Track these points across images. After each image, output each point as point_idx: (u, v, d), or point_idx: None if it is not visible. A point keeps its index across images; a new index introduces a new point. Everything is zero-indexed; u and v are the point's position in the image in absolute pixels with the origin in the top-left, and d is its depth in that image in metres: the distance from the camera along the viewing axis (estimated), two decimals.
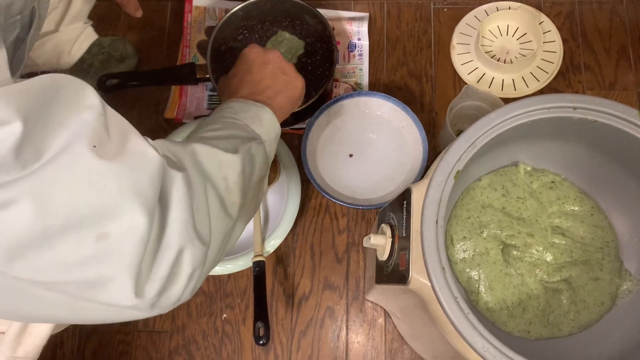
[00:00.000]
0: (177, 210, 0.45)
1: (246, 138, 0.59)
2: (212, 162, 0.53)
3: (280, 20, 1.04)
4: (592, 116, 0.62)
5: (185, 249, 0.45)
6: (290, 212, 0.93)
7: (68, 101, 0.40)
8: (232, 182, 0.54)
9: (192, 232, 0.46)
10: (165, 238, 0.44)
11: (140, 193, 0.40)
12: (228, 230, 0.54)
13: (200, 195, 0.49)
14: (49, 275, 0.38)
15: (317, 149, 1.00)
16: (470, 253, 0.72)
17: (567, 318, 0.70)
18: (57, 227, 0.37)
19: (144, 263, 0.42)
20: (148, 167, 0.42)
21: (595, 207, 0.75)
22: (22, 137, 0.35)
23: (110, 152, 0.40)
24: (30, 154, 0.36)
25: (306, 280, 0.97)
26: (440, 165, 0.60)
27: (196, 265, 0.47)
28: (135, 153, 0.42)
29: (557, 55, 1.05)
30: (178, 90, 1.07)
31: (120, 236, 0.39)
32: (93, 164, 0.38)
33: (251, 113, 0.64)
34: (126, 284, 0.41)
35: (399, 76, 1.08)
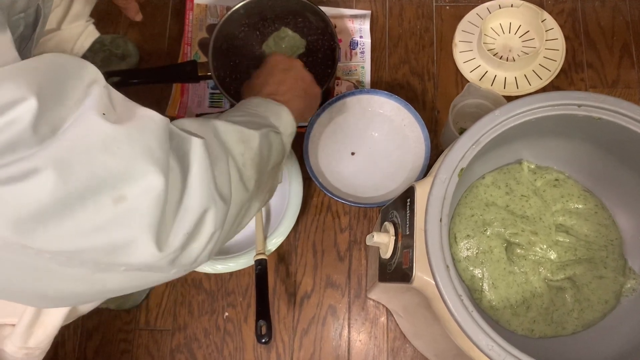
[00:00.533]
0: (197, 171, 0.47)
1: (265, 125, 0.62)
2: (232, 137, 0.56)
3: (282, 18, 1.03)
4: (597, 114, 0.61)
5: (210, 209, 0.48)
6: (292, 210, 0.93)
7: (74, 75, 0.42)
8: (248, 159, 0.57)
9: (214, 192, 0.49)
10: (187, 197, 0.46)
11: (151, 153, 0.42)
12: (245, 201, 0.57)
13: (222, 162, 0.52)
14: (71, 244, 0.39)
15: (319, 147, 1.00)
16: (473, 251, 0.71)
17: (571, 316, 0.70)
18: (77, 194, 0.38)
19: (167, 219, 0.44)
20: (154, 128, 0.44)
21: (599, 205, 0.74)
22: (37, 112, 0.36)
23: (118, 117, 0.42)
24: (47, 128, 0.37)
25: (308, 278, 0.97)
26: (444, 163, 0.60)
27: (217, 226, 0.49)
28: (143, 117, 0.44)
29: (559, 53, 1.05)
30: (179, 88, 1.07)
31: (137, 197, 0.41)
32: (105, 130, 0.40)
33: (270, 108, 0.67)
34: (148, 240, 0.42)
35: (401, 74, 1.08)
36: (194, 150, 0.48)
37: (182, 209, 0.45)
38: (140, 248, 0.42)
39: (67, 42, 1.00)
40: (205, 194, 0.47)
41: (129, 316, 0.96)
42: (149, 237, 0.42)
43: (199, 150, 0.48)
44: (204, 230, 0.48)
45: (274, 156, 0.63)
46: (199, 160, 0.48)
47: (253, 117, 0.63)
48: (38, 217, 0.37)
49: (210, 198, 0.48)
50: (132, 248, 0.42)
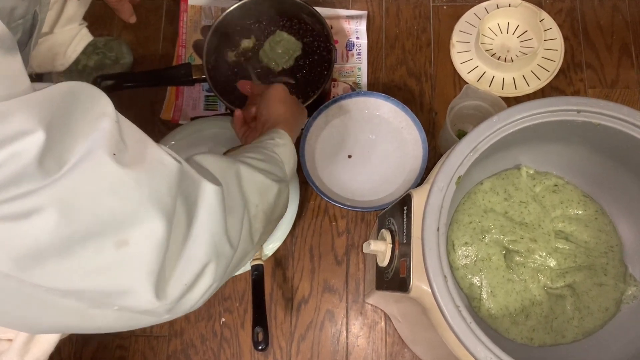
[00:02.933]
0: (205, 220, 0.46)
1: (281, 178, 0.62)
2: (253, 187, 0.55)
3: (277, 19, 1.02)
4: (596, 119, 0.61)
5: (212, 262, 0.47)
6: (289, 215, 0.92)
7: (86, 109, 0.40)
8: (261, 211, 0.56)
9: (222, 244, 0.48)
10: (191, 246, 0.45)
11: (159, 200, 0.41)
12: (247, 252, 0.55)
13: (237, 213, 0.51)
14: (68, 283, 0.39)
15: (316, 150, 0.99)
16: (472, 259, 0.70)
17: (571, 324, 0.69)
18: (79, 235, 0.37)
19: (167, 267, 0.43)
20: (166, 174, 0.43)
21: (599, 210, 0.73)
22: (44, 145, 0.35)
23: (129, 159, 0.41)
24: (53, 162, 0.36)
25: (305, 283, 0.96)
26: (441, 171, 0.59)
27: (216, 279, 0.48)
28: (153, 160, 0.43)
29: (558, 53, 1.04)
30: (174, 90, 1.05)
31: (139, 242, 0.40)
32: (115, 172, 0.39)
33: (287, 149, 0.68)
34: (147, 288, 0.41)
35: (398, 75, 1.06)
36: (206, 198, 0.46)
37: (185, 258, 0.45)
38: (138, 294, 0.41)
39: (60, 45, 0.99)
40: (212, 246, 0.46)
41: None
42: (148, 285, 0.41)
43: (213, 199, 0.47)
44: (203, 282, 0.47)
45: (279, 209, 0.63)
46: (209, 210, 0.46)
47: (273, 164, 0.63)
48: (37, 255, 0.36)
49: (216, 251, 0.47)
50: (130, 293, 0.41)
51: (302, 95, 0.97)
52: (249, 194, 0.54)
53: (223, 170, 0.52)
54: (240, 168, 0.55)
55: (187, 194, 0.45)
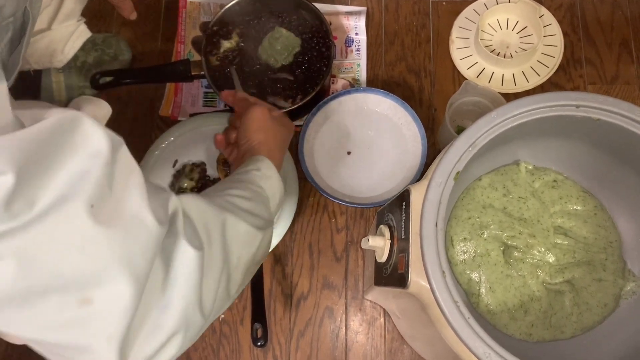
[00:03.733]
0: (182, 289, 0.44)
1: (265, 221, 0.60)
2: (237, 237, 0.53)
3: (276, 15, 1.02)
4: (596, 114, 0.60)
5: (180, 332, 0.44)
6: (288, 211, 0.92)
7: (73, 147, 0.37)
8: (243, 262, 0.54)
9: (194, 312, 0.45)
10: (161, 316, 0.43)
11: (130, 262, 0.39)
12: (220, 310, 0.53)
13: (216, 272, 0.49)
14: (27, 333, 0.37)
15: (315, 147, 0.99)
16: (470, 254, 0.70)
17: (570, 320, 0.69)
18: (40, 289, 0.35)
19: (133, 332, 0.41)
20: (143, 237, 0.40)
21: (598, 206, 0.73)
22: (13, 188, 0.33)
23: (108, 212, 0.38)
24: (22, 204, 0.34)
25: (304, 279, 0.96)
26: (439, 166, 0.59)
27: (182, 348, 0.46)
28: (134, 219, 0.40)
29: (557, 49, 1.03)
30: (173, 87, 1.05)
31: (104, 304, 0.38)
32: (87, 228, 0.36)
33: (273, 182, 0.66)
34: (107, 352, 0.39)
35: (398, 71, 1.06)
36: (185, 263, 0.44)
37: (153, 325, 0.42)
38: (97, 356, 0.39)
39: (58, 42, 0.99)
40: (183, 316, 0.44)
41: None
42: (108, 348, 0.39)
43: (192, 265, 0.44)
44: (169, 350, 0.44)
45: (260, 255, 0.60)
46: (186, 276, 0.44)
47: (258, 203, 0.61)
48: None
49: (186, 320, 0.44)
50: (89, 353, 0.39)
51: (301, 92, 0.97)
52: (231, 247, 0.52)
53: (208, 221, 0.49)
54: (227, 219, 0.52)
55: (166, 256, 0.43)
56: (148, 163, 0.95)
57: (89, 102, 0.59)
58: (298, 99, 0.96)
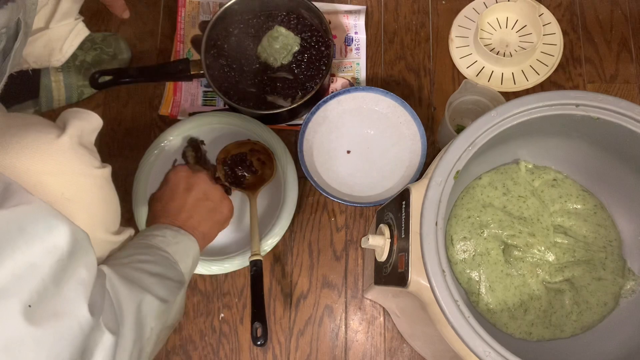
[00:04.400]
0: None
1: (177, 283, 0.61)
2: (151, 314, 0.54)
3: (275, 14, 1.02)
4: (595, 113, 0.60)
5: None
6: (287, 210, 0.92)
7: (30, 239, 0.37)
8: (154, 333, 0.55)
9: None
10: None
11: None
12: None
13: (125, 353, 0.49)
14: None
15: (314, 146, 0.99)
16: (470, 253, 0.70)
17: (570, 319, 0.69)
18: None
19: None
20: (71, 335, 0.40)
21: (598, 205, 0.73)
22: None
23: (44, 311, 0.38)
24: None
25: (304, 278, 0.96)
26: (439, 165, 0.59)
27: None
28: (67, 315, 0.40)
29: (557, 47, 1.03)
30: (172, 86, 1.05)
31: None
32: (17, 329, 0.36)
33: (181, 247, 0.66)
34: None
35: (397, 70, 1.06)
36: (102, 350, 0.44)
37: None
38: None
39: (56, 40, 0.98)
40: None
41: None
42: None
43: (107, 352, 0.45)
44: None
45: (172, 317, 0.61)
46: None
47: (165, 267, 0.61)
48: None
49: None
50: None
51: (301, 91, 0.97)
52: (145, 322, 0.53)
53: (122, 303, 0.50)
54: (142, 299, 0.54)
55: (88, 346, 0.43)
56: (147, 162, 0.95)
57: (77, 117, 0.58)
58: (297, 98, 0.97)
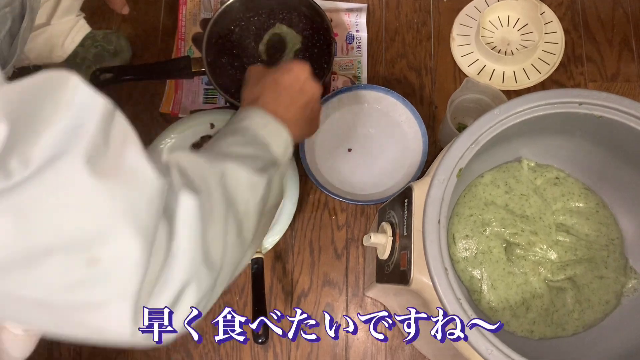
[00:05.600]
0: (184, 238, 0.42)
1: (269, 161, 0.57)
2: (239, 185, 0.50)
3: (277, 12, 1.02)
4: (598, 112, 0.60)
5: (191, 282, 0.43)
6: (288, 208, 0.92)
7: (66, 102, 0.36)
8: (252, 207, 0.52)
9: (201, 264, 0.43)
10: (169, 267, 0.41)
11: (135, 217, 0.37)
12: (240, 258, 0.51)
13: (219, 220, 0.46)
14: (37, 293, 0.36)
15: (315, 144, 0.99)
16: (472, 252, 0.70)
17: (572, 317, 0.69)
18: (41, 249, 0.34)
19: (145, 288, 0.39)
20: (146, 189, 0.39)
21: (600, 203, 0.73)
22: (7, 141, 0.32)
23: (106, 166, 0.37)
24: (16, 160, 0.32)
25: (305, 276, 0.96)
26: (442, 163, 0.59)
27: (201, 298, 0.44)
28: (134, 171, 0.38)
29: (558, 46, 1.03)
30: (173, 84, 1.05)
31: (113, 262, 0.37)
32: (86, 183, 0.35)
33: (272, 131, 0.61)
34: (121, 311, 0.38)
35: (398, 69, 1.06)
36: (184, 211, 0.42)
37: (162, 280, 0.41)
38: (111, 317, 0.38)
39: (57, 37, 0.98)
40: (189, 266, 0.42)
41: None
42: (122, 308, 0.38)
43: (191, 213, 0.42)
44: (184, 303, 0.43)
45: (272, 197, 0.57)
46: (188, 225, 0.42)
47: (257, 147, 0.57)
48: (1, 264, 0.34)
49: (194, 270, 0.43)
50: (103, 315, 0.38)
51: None
52: (235, 194, 0.49)
53: (205, 174, 0.47)
54: (225, 169, 0.50)
55: (167, 208, 0.41)
56: None
57: None
58: None
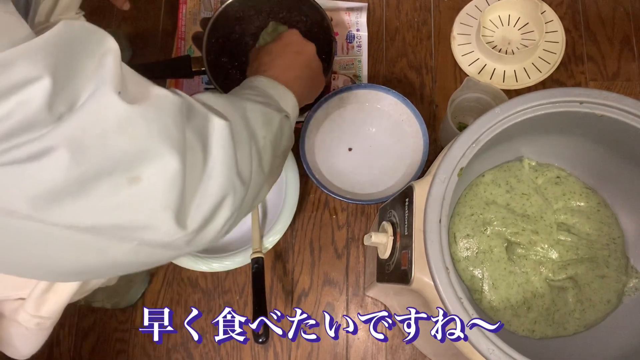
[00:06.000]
0: (219, 155, 0.47)
1: (281, 113, 0.62)
2: (258, 118, 0.56)
3: (277, 11, 1.01)
4: (599, 110, 0.60)
5: (229, 195, 0.48)
6: (289, 208, 0.92)
7: (90, 48, 0.40)
8: (268, 141, 0.57)
9: (235, 178, 0.48)
10: (207, 181, 0.46)
11: (168, 135, 0.41)
12: (261, 185, 0.56)
13: (245, 146, 0.52)
14: (86, 220, 0.39)
15: (316, 143, 0.98)
16: (473, 251, 0.70)
17: (573, 317, 0.69)
18: (92, 174, 0.38)
19: (185, 201, 0.43)
20: (172, 108, 0.43)
21: (601, 202, 0.73)
22: (52, 90, 0.36)
23: (133, 95, 0.41)
24: (62, 106, 0.37)
25: (305, 276, 0.96)
26: (443, 162, 0.59)
27: (234, 210, 0.49)
28: (157, 96, 0.43)
29: (559, 45, 1.03)
30: (173, 83, 1.05)
31: (153, 178, 0.40)
32: (121, 109, 0.39)
33: (279, 91, 0.67)
34: (166, 221, 0.42)
35: (399, 68, 1.06)
36: (217, 133, 0.47)
37: (201, 192, 0.45)
38: (157, 228, 0.42)
39: None
40: (226, 180, 0.47)
41: (125, 315, 0.95)
42: (166, 218, 0.42)
43: (223, 134, 0.47)
44: (222, 214, 0.48)
45: (284, 140, 0.63)
46: (222, 144, 0.47)
47: (268, 98, 0.63)
48: (53, 195, 0.37)
49: (231, 184, 0.48)
50: (148, 228, 0.42)
51: None
52: (255, 127, 0.55)
53: (227, 107, 0.52)
54: (245, 106, 0.56)
55: (200, 129, 0.46)
56: None
57: None
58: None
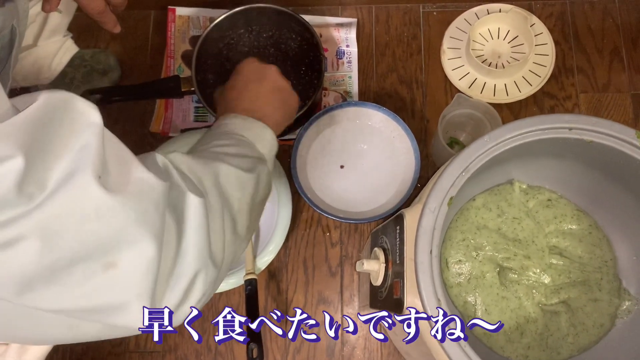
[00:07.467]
0: (194, 236, 0.46)
1: (256, 158, 0.61)
2: (232, 183, 0.54)
3: (266, 29, 1.01)
4: (589, 137, 0.60)
5: (199, 275, 0.46)
6: (281, 227, 0.91)
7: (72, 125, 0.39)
8: (244, 204, 0.56)
9: (207, 257, 0.47)
10: (180, 264, 0.45)
11: (147, 221, 0.40)
12: (236, 251, 0.55)
13: (217, 218, 0.50)
14: (58, 305, 0.38)
15: (307, 161, 0.98)
16: (466, 276, 0.70)
17: (566, 341, 0.69)
18: (65, 262, 0.37)
19: (159, 285, 0.42)
20: (153, 195, 0.42)
21: (593, 225, 0.73)
22: (24, 170, 0.34)
23: (114, 181, 0.40)
24: (34, 187, 0.35)
25: (300, 295, 0.96)
26: (432, 192, 0.59)
27: (207, 289, 0.48)
28: (139, 181, 0.42)
29: (549, 58, 1.03)
30: (163, 103, 1.04)
31: (129, 265, 0.40)
32: (100, 196, 0.38)
33: (255, 131, 0.65)
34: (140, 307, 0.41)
35: (389, 83, 1.06)
36: (192, 211, 0.46)
37: (175, 275, 0.44)
38: (131, 313, 0.41)
39: (44, 58, 0.98)
40: (198, 258, 0.46)
41: (119, 339, 0.95)
42: (141, 304, 0.41)
43: (197, 213, 0.46)
44: (194, 294, 0.47)
45: (261, 191, 0.61)
46: (195, 222, 0.46)
47: (243, 147, 0.61)
48: (25, 282, 0.36)
49: (203, 261, 0.46)
50: (123, 312, 0.41)
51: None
52: (229, 193, 0.53)
53: (199, 175, 0.51)
54: (218, 168, 0.54)
55: (174, 204, 0.45)
56: None
57: None
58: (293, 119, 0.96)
